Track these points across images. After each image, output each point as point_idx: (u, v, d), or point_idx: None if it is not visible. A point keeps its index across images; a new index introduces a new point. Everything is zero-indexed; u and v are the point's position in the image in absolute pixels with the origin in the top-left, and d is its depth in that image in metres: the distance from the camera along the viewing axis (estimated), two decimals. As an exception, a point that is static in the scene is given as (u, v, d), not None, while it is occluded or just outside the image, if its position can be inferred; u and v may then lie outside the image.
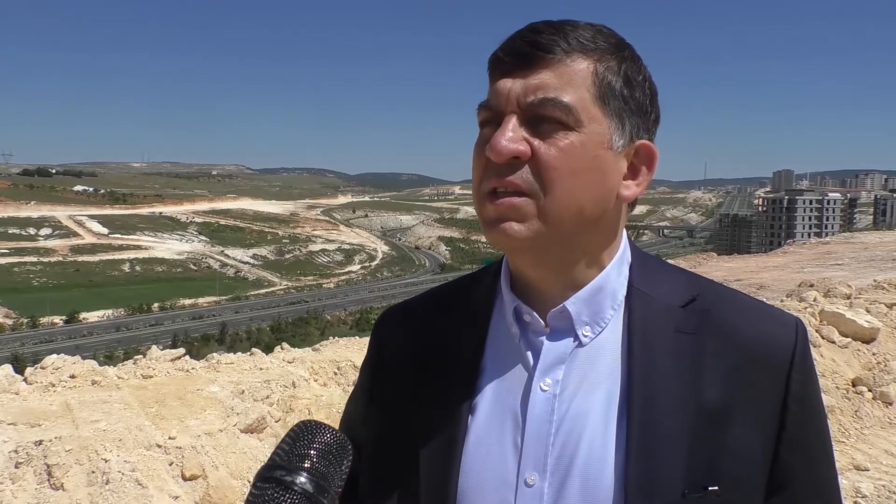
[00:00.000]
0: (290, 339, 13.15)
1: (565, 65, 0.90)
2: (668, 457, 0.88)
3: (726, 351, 0.93)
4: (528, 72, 0.90)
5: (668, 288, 1.00)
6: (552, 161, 0.89)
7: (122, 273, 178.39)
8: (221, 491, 3.99)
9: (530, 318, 0.98)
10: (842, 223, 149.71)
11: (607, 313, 0.97)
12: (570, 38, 0.90)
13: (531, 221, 0.90)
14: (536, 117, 0.89)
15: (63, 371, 4.90)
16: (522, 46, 0.91)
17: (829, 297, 9.94)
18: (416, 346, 1.06)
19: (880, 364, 7.36)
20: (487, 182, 0.91)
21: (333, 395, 5.47)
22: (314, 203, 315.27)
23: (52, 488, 3.62)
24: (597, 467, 0.90)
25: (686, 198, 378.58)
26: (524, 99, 0.89)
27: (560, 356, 0.96)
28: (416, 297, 1.17)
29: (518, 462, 0.93)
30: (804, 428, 0.95)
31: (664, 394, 0.91)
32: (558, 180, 0.89)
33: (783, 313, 1.01)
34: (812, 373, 0.98)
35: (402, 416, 1.03)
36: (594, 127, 0.90)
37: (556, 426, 0.93)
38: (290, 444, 0.84)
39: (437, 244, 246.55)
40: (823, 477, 0.98)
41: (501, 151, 0.88)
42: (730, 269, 21.32)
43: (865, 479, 5.53)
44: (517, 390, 0.97)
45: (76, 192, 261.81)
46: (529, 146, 0.89)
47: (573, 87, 0.89)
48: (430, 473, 0.97)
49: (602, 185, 0.93)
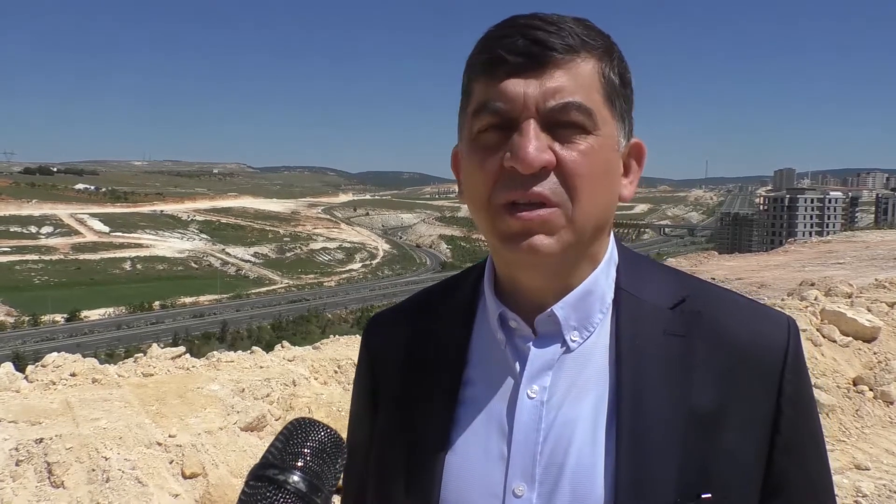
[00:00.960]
0: (290, 338, 13.09)
1: (576, 65, 0.86)
2: (660, 464, 0.86)
3: (717, 353, 0.91)
4: (541, 73, 0.84)
5: (656, 289, 0.97)
6: (578, 168, 0.85)
7: (123, 271, 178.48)
8: (221, 489, 3.99)
9: (517, 324, 0.95)
10: (843, 222, 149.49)
11: (595, 317, 0.94)
12: (573, 35, 0.86)
13: (560, 233, 0.86)
14: (555, 122, 0.85)
15: (64, 369, 4.90)
16: (527, 44, 0.85)
17: (831, 295, 9.92)
18: (403, 351, 1.04)
19: (881, 363, 7.35)
20: (503, 194, 0.85)
21: (334, 393, 5.47)
22: (315, 201, 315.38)
23: (53, 486, 3.62)
24: (587, 476, 0.88)
25: (687, 196, 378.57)
26: (544, 104, 0.84)
27: (547, 362, 0.93)
28: (405, 301, 1.15)
29: (505, 472, 0.90)
30: (798, 430, 0.93)
31: (654, 399, 0.88)
32: (584, 188, 0.85)
33: (775, 312, 0.98)
34: (804, 373, 0.96)
35: (389, 424, 1.02)
36: (607, 129, 0.87)
37: (545, 434, 0.90)
38: (284, 442, 0.83)
39: (438, 242, 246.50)
40: (818, 479, 0.97)
41: (532, 162, 0.82)
42: (731, 267, 21.31)
43: (866, 478, 5.52)
44: (503, 398, 0.94)
45: (77, 191, 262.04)
46: (553, 154, 0.85)
47: (587, 89, 0.86)
48: (412, 486, 0.95)
49: (614, 188, 0.91)
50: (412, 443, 0.97)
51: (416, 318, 1.07)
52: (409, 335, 1.05)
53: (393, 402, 1.02)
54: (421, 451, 0.95)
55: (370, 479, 1.03)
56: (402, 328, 1.08)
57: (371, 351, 1.11)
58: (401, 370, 1.03)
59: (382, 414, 1.04)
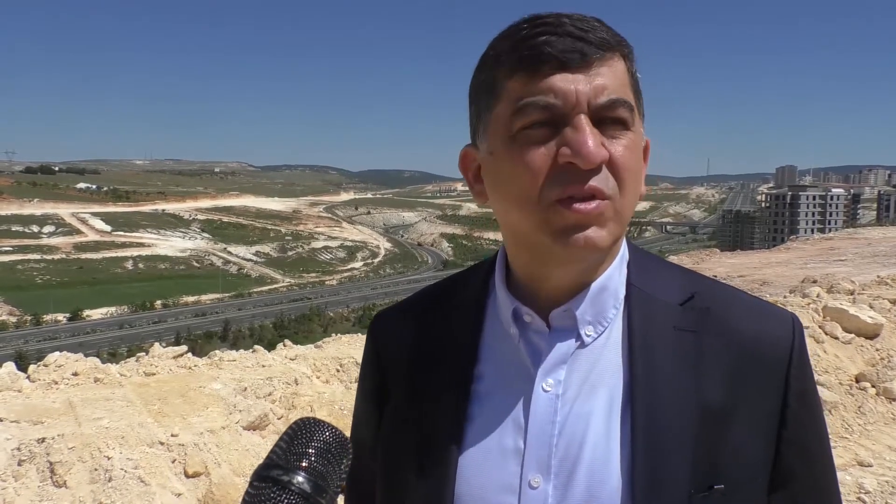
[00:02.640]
0: (292, 336, 13.16)
1: (614, 62, 0.88)
2: (674, 457, 0.88)
3: (726, 350, 0.93)
4: (587, 69, 0.86)
5: (666, 286, 0.99)
6: (626, 163, 0.87)
7: (125, 270, 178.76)
8: (224, 488, 3.99)
9: (531, 319, 0.96)
10: (845, 219, 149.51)
11: (609, 313, 0.96)
12: (608, 34, 0.88)
13: (610, 226, 0.88)
14: (602, 118, 0.86)
15: (66, 368, 4.90)
16: (573, 42, 0.86)
17: (833, 292, 9.90)
18: (411, 347, 1.05)
19: (884, 360, 7.33)
20: (561, 189, 0.86)
21: (336, 392, 5.47)
22: (317, 200, 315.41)
23: (55, 486, 3.62)
24: (602, 468, 0.89)
25: (689, 194, 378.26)
26: (594, 100, 0.86)
27: (562, 356, 0.94)
28: (411, 297, 1.15)
29: (521, 464, 0.92)
30: (804, 425, 0.95)
31: (667, 393, 0.90)
32: (629, 181, 0.88)
33: (780, 310, 1.00)
34: (809, 369, 0.98)
35: (399, 419, 1.02)
36: (637, 126, 0.91)
37: (560, 427, 0.92)
38: (288, 442, 0.82)
39: (440, 241, 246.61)
40: (822, 472, 0.99)
41: (595, 158, 0.84)
42: (733, 265, 21.25)
43: (869, 475, 5.52)
44: (517, 392, 0.95)
45: (79, 190, 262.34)
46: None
47: (625, 87, 0.89)
48: (426, 481, 0.95)
49: (642, 184, 0.94)
50: (424, 437, 0.97)
51: (424, 313, 1.08)
52: (417, 331, 1.06)
53: (402, 398, 1.03)
54: (434, 446, 0.96)
55: (379, 476, 1.03)
56: (409, 324, 1.08)
57: (378, 346, 1.11)
58: (409, 365, 1.03)
59: (391, 409, 1.04)
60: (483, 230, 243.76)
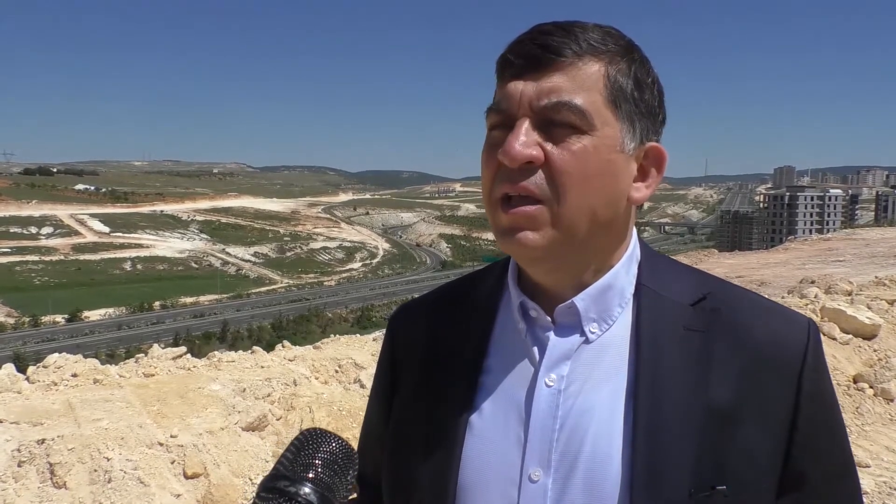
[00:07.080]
0: (291, 337, 13.11)
1: (577, 68, 0.89)
2: (675, 455, 0.87)
3: (737, 351, 0.92)
4: (540, 75, 0.88)
5: (677, 286, 0.99)
6: (566, 166, 0.87)
7: (124, 271, 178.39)
8: (223, 489, 4.00)
9: (536, 314, 0.98)
10: (843, 219, 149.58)
11: (615, 310, 0.97)
12: (580, 41, 0.89)
13: (545, 229, 0.89)
14: (549, 121, 0.88)
15: (65, 370, 4.91)
16: (533, 48, 0.89)
17: (830, 293, 9.93)
18: (427, 341, 1.07)
19: (881, 360, 7.35)
20: (499, 187, 0.90)
21: (334, 392, 5.48)
22: (315, 201, 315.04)
23: (55, 487, 3.63)
24: (602, 463, 0.89)
25: (687, 194, 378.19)
26: (537, 102, 0.88)
27: (566, 352, 0.95)
28: (430, 293, 1.18)
29: (522, 457, 0.93)
30: (816, 427, 0.94)
31: (672, 391, 0.90)
32: (572, 186, 0.88)
33: (795, 314, 1.00)
34: (825, 372, 0.97)
35: (411, 411, 1.04)
36: (606, 130, 0.89)
37: (561, 421, 0.92)
38: (295, 452, 0.81)
39: (438, 241, 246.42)
40: (836, 475, 0.96)
41: (516, 156, 0.86)
42: (731, 265, 21.28)
43: (866, 475, 5.53)
44: (522, 385, 0.96)
45: (77, 191, 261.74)
46: (543, 151, 0.88)
47: (585, 91, 0.88)
48: (431, 468, 0.97)
49: (614, 189, 0.92)
50: (431, 427, 0.99)
51: (442, 308, 1.10)
52: (433, 324, 1.08)
53: (412, 388, 1.05)
54: (440, 435, 0.98)
55: (386, 462, 1.05)
56: (426, 318, 1.11)
57: (394, 339, 1.14)
58: (422, 358, 1.06)
59: (401, 399, 1.07)
60: (482, 231, 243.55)
